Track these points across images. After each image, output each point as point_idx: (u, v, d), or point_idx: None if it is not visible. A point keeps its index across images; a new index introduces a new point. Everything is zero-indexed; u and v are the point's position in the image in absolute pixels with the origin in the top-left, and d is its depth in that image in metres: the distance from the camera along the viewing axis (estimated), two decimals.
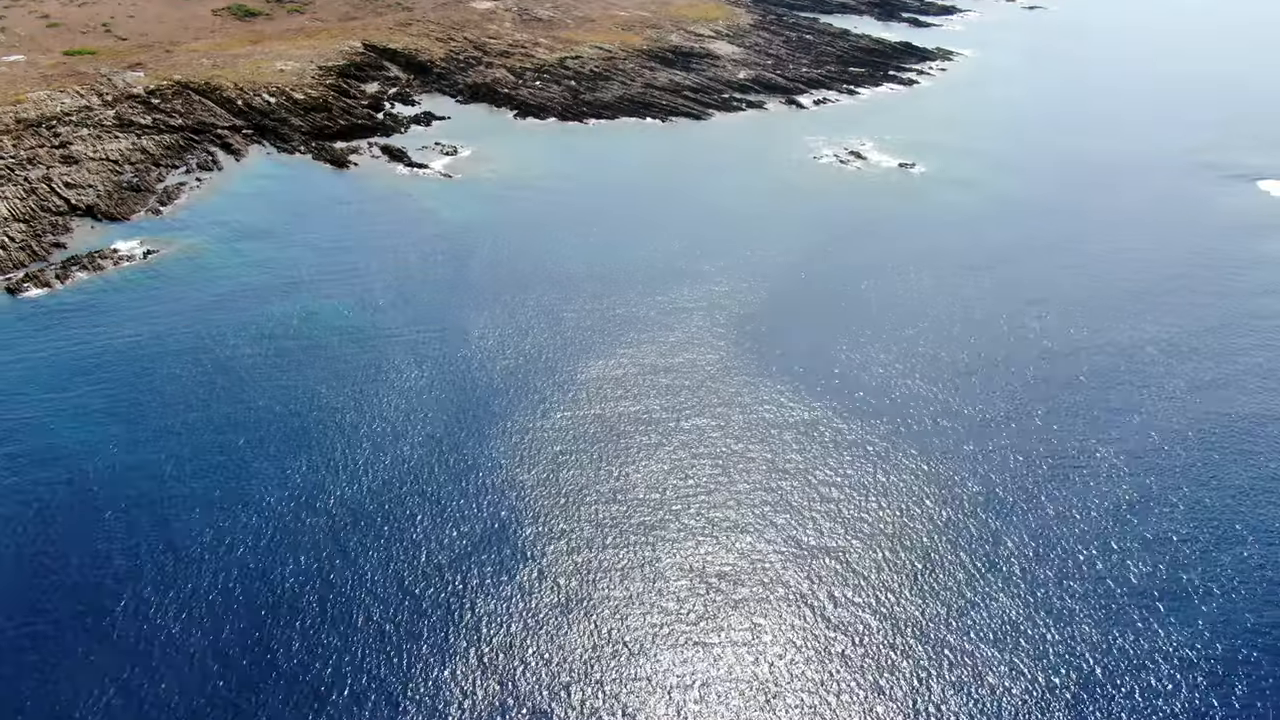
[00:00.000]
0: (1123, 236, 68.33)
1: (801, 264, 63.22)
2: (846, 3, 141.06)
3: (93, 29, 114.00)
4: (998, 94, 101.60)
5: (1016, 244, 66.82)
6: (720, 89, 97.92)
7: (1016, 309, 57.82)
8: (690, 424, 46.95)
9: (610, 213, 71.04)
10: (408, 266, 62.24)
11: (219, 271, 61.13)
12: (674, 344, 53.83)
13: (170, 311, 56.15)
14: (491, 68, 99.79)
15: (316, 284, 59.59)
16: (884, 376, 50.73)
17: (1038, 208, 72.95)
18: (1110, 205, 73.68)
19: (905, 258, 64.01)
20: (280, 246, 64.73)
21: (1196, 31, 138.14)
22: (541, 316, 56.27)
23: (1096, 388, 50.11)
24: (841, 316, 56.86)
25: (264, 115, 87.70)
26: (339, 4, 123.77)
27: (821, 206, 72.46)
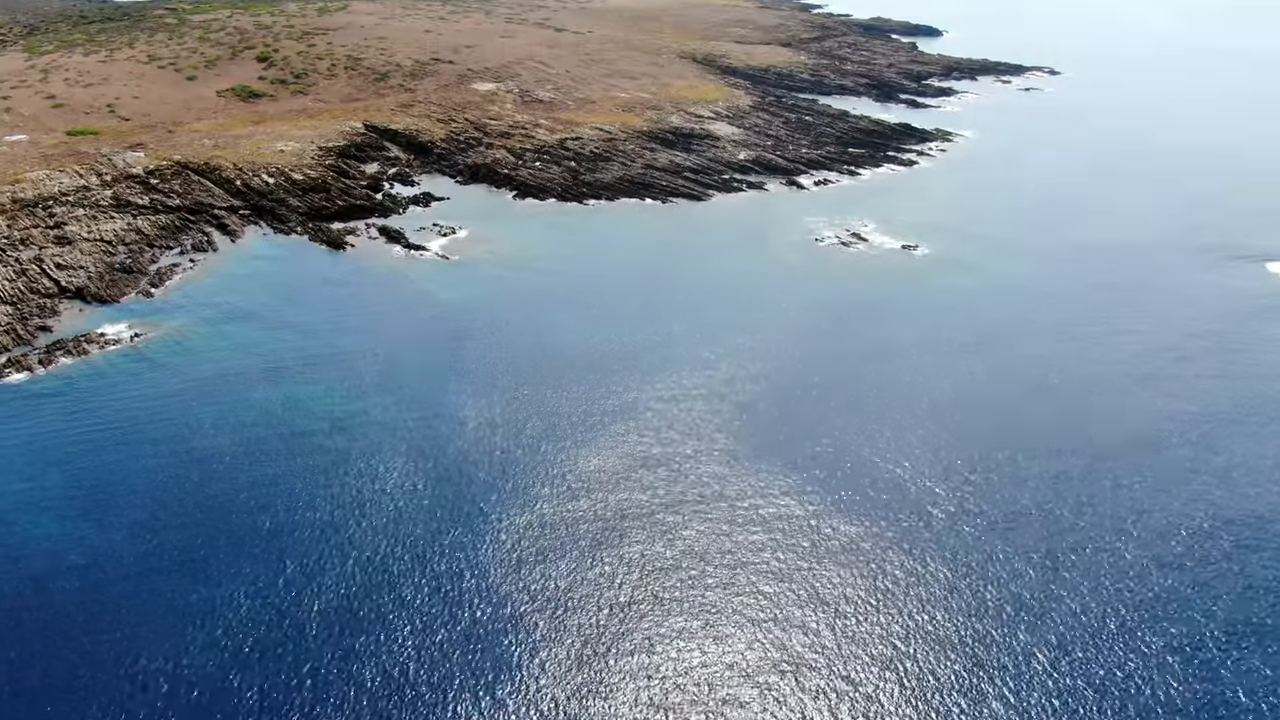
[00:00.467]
0: (1127, 319, 66.79)
1: (804, 348, 61.61)
2: (845, 85, 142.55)
3: (96, 109, 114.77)
4: (997, 175, 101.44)
5: (1020, 328, 65.25)
6: (720, 170, 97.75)
7: (1020, 397, 56.08)
8: (689, 522, 44.67)
9: (609, 295, 69.76)
10: (400, 351, 60.66)
11: (205, 356, 59.54)
12: (673, 435, 51.86)
13: (151, 398, 54.40)
14: (492, 148, 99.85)
15: (304, 369, 57.95)
16: (887, 470, 48.60)
17: (1040, 291, 71.62)
18: (1113, 287, 72.33)
19: (908, 342, 62.44)
20: (270, 330, 63.27)
21: (1194, 102, 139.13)
22: (537, 405, 54.42)
23: (1109, 481, 47.93)
24: (845, 404, 54.99)
25: (262, 196, 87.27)
26: (342, 85, 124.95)
27: (824, 289, 71.18)
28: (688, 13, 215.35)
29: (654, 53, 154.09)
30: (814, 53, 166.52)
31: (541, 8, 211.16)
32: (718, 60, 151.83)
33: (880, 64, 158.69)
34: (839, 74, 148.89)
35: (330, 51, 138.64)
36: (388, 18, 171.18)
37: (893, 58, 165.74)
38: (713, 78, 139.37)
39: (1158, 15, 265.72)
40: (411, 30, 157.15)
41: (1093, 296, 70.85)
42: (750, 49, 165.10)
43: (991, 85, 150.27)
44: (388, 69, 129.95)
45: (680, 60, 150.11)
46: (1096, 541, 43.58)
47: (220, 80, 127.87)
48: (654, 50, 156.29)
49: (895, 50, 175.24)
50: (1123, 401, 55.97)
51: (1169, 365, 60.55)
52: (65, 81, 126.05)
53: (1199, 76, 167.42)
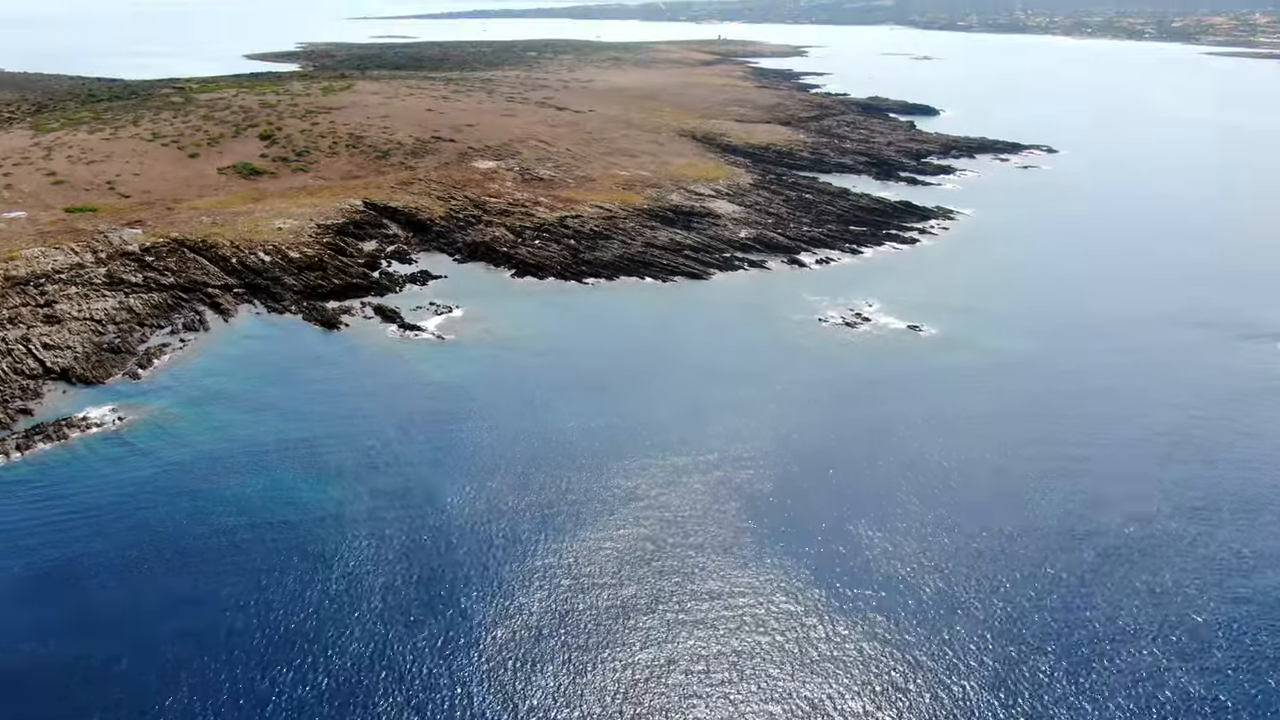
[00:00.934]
0: (1135, 400, 64.92)
1: (809, 432, 59.52)
2: (844, 163, 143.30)
3: (97, 186, 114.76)
4: (1000, 253, 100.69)
5: (1027, 409, 63.30)
6: (721, 248, 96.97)
7: (1030, 482, 53.81)
8: (687, 621, 42.03)
9: (607, 376, 67.96)
10: (390, 435, 58.57)
11: (188, 441, 57.40)
12: (670, 521, 49.51)
13: (127, 486, 52.15)
14: (491, 226, 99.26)
15: (289, 455, 55.77)
16: (895, 565, 46.07)
17: (1047, 371, 69.90)
18: (1120, 367, 70.62)
19: (914, 424, 60.44)
20: (257, 413, 61.29)
21: (1192, 179, 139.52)
22: (528, 495, 52.15)
23: (1124, 569, 45.40)
24: (851, 491, 52.74)
25: (257, 274, 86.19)
26: (343, 163, 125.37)
27: (829, 370, 69.41)
28: (687, 92, 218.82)
29: (654, 131, 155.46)
30: (813, 131, 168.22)
31: (543, 87, 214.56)
32: (717, 138, 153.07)
33: (879, 142, 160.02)
34: (838, 152, 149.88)
35: (333, 130, 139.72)
36: (391, 97, 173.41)
37: (891, 136, 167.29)
38: (713, 156, 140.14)
39: (1154, 94, 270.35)
40: (414, 109, 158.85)
41: (1098, 377, 69.11)
42: (750, 127, 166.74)
43: (990, 163, 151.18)
44: (389, 147, 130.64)
45: (680, 138, 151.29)
46: (1122, 654, 40.91)
47: (222, 158, 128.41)
48: (654, 128, 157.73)
49: (893, 129, 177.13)
50: (1135, 489, 53.66)
51: (1180, 449, 58.43)
52: (68, 159, 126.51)
53: (1197, 153, 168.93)
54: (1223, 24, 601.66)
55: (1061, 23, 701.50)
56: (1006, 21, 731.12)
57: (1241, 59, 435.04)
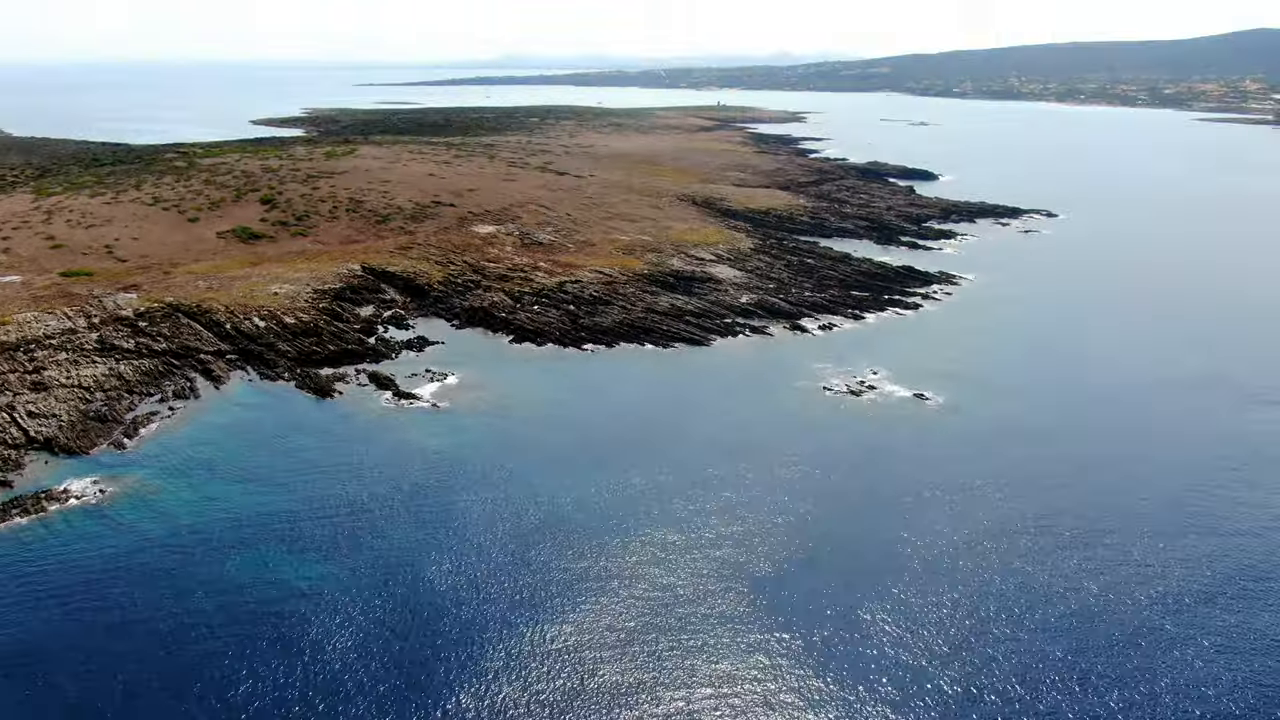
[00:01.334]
0: (1148, 469, 62.94)
1: (813, 506, 57.43)
2: (845, 227, 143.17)
3: (95, 250, 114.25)
4: (1004, 318, 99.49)
5: (1037, 479, 61.27)
6: (722, 313, 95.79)
7: (1038, 559, 51.63)
8: (686, 711, 39.55)
9: (606, 447, 66.05)
10: (380, 508, 56.51)
11: (171, 515, 55.35)
12: (667, 601, 47.23)
13: (102, 563, 50.02)
14: (490, 291, 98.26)
15: (275, 530, 53.67)
16: (902, 654, 43.68)
17: (1056, 439, 68.11)
18: (1131, 433, 68.83)
19: (923, 499, 58.38)
20: (244, 485, 59.32)
21: (1192, 242, 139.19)
22: (520, 573, 49.96)
23: (1138, 655, 43.00)
24: (857, 569, 50.54)
25: (251, 340, 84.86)
26: (342, 227, 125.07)
27: (834, 440, 67.53)
28: (687, 157, 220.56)
29: (654, 195, 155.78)
30: (813, 196, 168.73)
31: (544, 152, 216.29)
32: (718, 203, 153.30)
33: (879, 207, 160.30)
34: (839, 217, 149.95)
35: (333, 194, 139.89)
36: (393, 162, 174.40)
37: (891, 201, 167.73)
38: (713, 220, 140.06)
39: (1151, 159, 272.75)
40: (415, 174, 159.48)
41: (1105, 445, 67.30)
42: (750, 192, 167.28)
43: (991, 227, 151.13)
44: (389, 211, 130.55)
45: (680, 203, 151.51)
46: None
47: (222, 222, 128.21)
48: (654, 193, 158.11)
49: (893, 193, 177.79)
50: (1146, 567, 51.46)
51: (1191, 521, 56.31)
52: (67, 223, 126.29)
53: (1196, 217, 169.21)
54: (1214, 90, 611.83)
55: (1055, 89, 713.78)
56: (1001, 88, 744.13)
57: (1233, 124, 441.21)
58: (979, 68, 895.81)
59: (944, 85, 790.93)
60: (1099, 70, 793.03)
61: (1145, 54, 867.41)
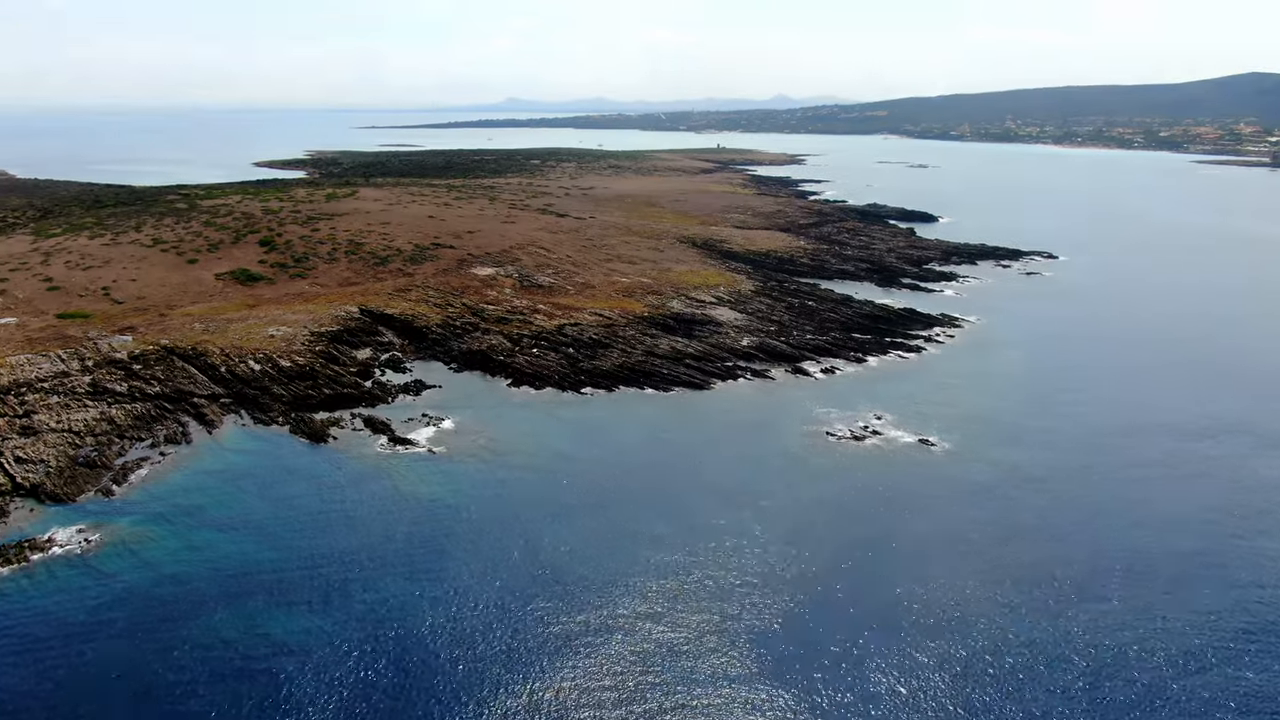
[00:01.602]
0: (1153, 519, 61.39)
1: (816, 555, 55.86)
2: (846, 269, 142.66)
3: (92, 292, 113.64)
4: (1008, 361, 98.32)
5: (1045, 531, 59.75)
6: (723, 356, 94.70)
7: (1045, 614, 49.95)
8: None
9: (604, 494, 64.58)
10: (372, 559, 54.95)
11: (157, 565, 53.82)
12: (667, 657, 45.50)
13: (83, 616, 48.50)
14: (488, 334, 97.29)
15: (263, 582, 52.09)
16: (911, 714, 41.96)
17: (1065, 484, 66.64)
18: (1145, 479, 67.37)
19: (931, 550, 56.85)
20: (231, 534, 57.80)
21: (1194, 283, 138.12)
22: (509, 626, 48.30)
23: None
24: (861, 622, 48.91)
25: (246, 383, 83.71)
26: (341, 269, 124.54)
27: (838, 487, 66.04)
28: (687, 199, 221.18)
29: (654, 237, 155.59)
30: (813, 238, 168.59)
31: (544, 194, 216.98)
32: (718, 245, 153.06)
33: (880, 249, 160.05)
34: (839, 259, 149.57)
35: (333, 236, 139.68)
36: (393, 203, 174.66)
37: (891, 243, 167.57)
38: (713, 262, 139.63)
39: (1150, 201, 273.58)
40: (415, 216, 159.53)
41: (1111, 492, 65.82)
42: (750, 234, 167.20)
43: (992, 269, 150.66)
44: (388, 253, 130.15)
45: (680, 245, 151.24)
46: None
47: (221, 263, 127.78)
48: (654, 235, 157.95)
49: (893, 235, 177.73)
50: (1154, 622, 49.81)
51: (1201, 574, 54.69)
52: (65, 264, 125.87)
53: (1198, 259, 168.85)
54: (1209, 133, 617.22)
55: (1052, 132, 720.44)
56: (998, 131, 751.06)
57: (1230, 166, 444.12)
58: (976, 111, 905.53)
59: (941, 128, 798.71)
60: (1094, 113, 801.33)
61: (1139, 98, 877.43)
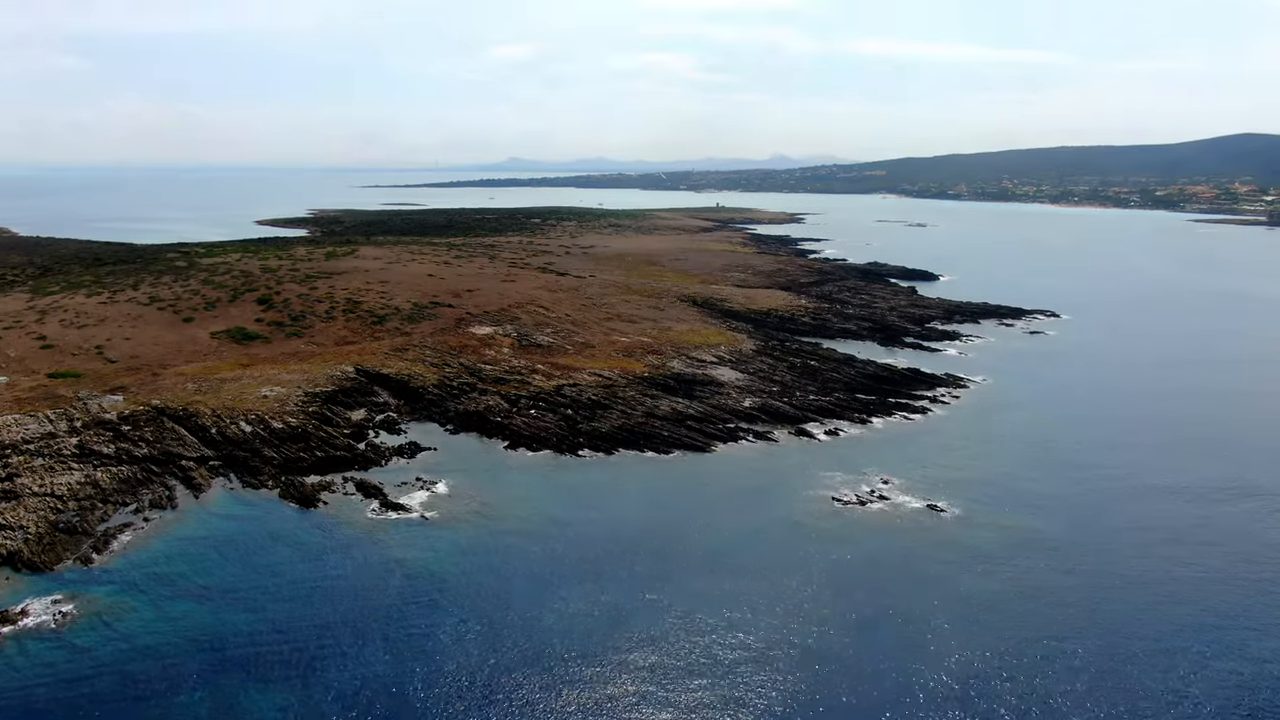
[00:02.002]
0: (1171, 590, 58.89)
1: (823, 629, 53.36)
2: (848, 328, 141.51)
3: (85, 351, 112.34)
4: (1016, 423, 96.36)
5: (1062, 603, 57.18)
6: (725, 417, 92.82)
7: (1074, 696, 47.35)
8: None
9: (601, 563, 62.19)
10: (358, 632, 52.47)
11: (133, 640, 51.37)
12: None
13: (51, 694, 46.04)
14: (485, 395, 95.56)
15: (241, 655, 49.71)
16: None
17: (1076, 556, 64.11)
18: (1151, 547, 64.93)
19: (942, 623, 54.30)
20: (213, 606, 55.40)
21: (1201, 343, 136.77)
22: (500, 706, 45.72)
23: None
24: (872, 703, 46.29)
25: (237, 445, 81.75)
26: (338, 328, 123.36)
27: (844, 556, 63.64)
28: (687, 257, 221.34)
29: (654, 296, 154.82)
30: (814, 296, 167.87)
31: (545, 252, 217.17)
32: (719, 304, 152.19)
33: (881, 307, 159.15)
34: (841, 318, 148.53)
35: (331, 294, 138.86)
36: (393, 262, 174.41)
37: (893, 301, 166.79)
38: (714, 321, 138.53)
39: (1151, 259, 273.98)
40: (415, 274, 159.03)
41: (1126, 559, 63.40)
42: (751, 293, 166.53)
43: (995, 328, 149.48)
44: (386, 312, 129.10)
45: (681, 303, 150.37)
46: None
47: (217, 322, 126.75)
48: (654, 294, 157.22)
49: (895, 294, 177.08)
50: (1188, 701, 47.23)
51: (1231, 643, 52.14)
52: (60, 323, 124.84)
53: (1204, 318, 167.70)
54: (1204, 192, 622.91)
55: (1048, 191, 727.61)
56: (995, 190, 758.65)
57: (1228, 225, 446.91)
58: (972, 170, 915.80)
59: (939, 187, 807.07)
60: (1089, 173, 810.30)
61: (1133, 158, 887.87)
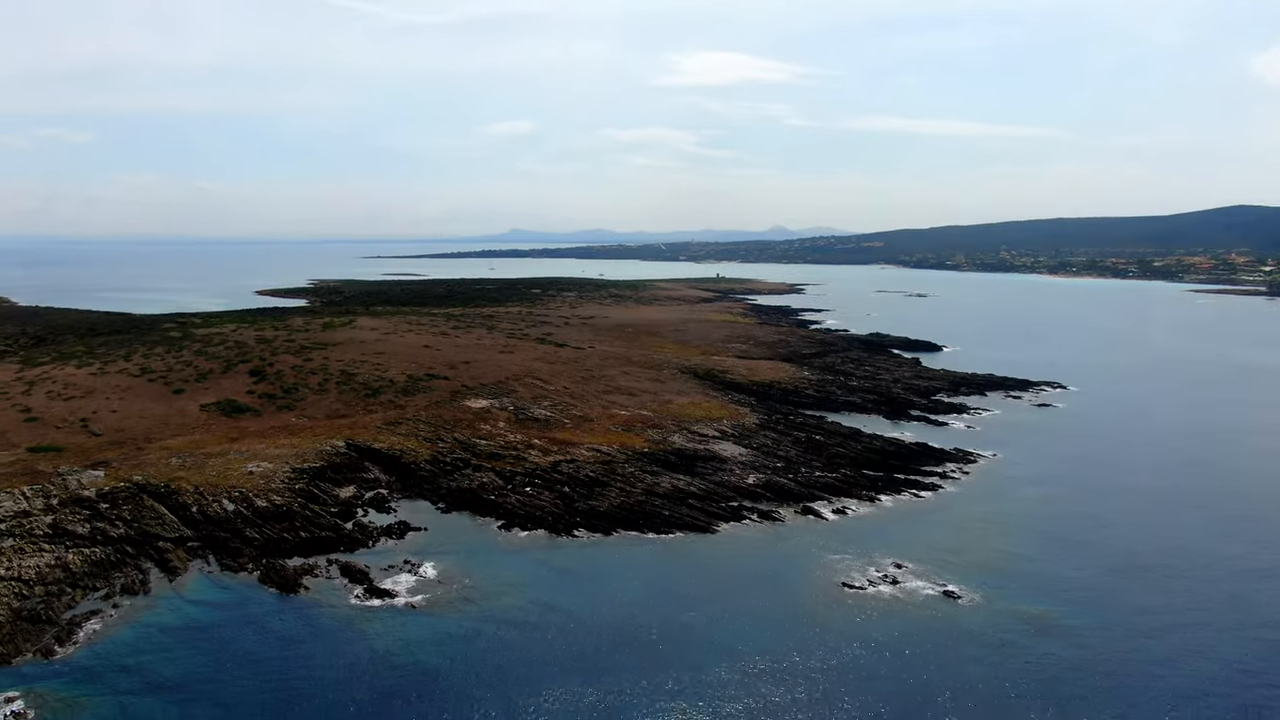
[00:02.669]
0: (1214, 680, 54.86)
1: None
2: (852, 401, 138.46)
3: (69, 423, 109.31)
4: (1030, 500, 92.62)
5: (1087, 697, 53.15)
6: (728, 495, 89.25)
7: None
8: None
9: (597, 656, 58.15)
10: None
11: None
12: None
13: None
14: (479, 471, 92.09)
15: None
16: None
17: (1106, 648, 60.15)
18: (1186, 634, 60.90)
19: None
20: (178, 702, 51.62)
21: (1216, 414, 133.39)
22: None
23: None
24: None
25: (217, 525, 78.14)
26: (331, 400, 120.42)
27: (859, 649, 59.56)
28: (687, 328, 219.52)
29: (655, 368, 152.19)
30: (817, 368, 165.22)
31: (544, 323, 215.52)
32: (720, 376, 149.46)
33: (885, 379, 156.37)
34: (845, 390, 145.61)
35: (325, 366, 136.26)
36: (389, 333, 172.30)
37: (897, 373, 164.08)
38: (716, 394, 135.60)
39: (1155, 330, 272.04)
40: (411, 345, 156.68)
41: (1159, 650, 59.38)
42: (752, 364, 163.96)
43: (1003, 401, 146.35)
44: (380, 385, 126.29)
45: (681, 376, 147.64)
46: None
47: (207, 394, 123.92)
48: (654, 365, 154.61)
49: (899, 365, 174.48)
50: None
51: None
52: (47, 394, 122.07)
53: (1218, 390, 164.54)
54: (1202, 263, 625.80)
55: (1046, 262, 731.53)
56: (993, 261, 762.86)
57: (1228, 296, 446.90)
58: (969, 241, 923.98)
59: (937, 258, 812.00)
60: (1086, 244, 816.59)
61: (1129, 229, 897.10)
